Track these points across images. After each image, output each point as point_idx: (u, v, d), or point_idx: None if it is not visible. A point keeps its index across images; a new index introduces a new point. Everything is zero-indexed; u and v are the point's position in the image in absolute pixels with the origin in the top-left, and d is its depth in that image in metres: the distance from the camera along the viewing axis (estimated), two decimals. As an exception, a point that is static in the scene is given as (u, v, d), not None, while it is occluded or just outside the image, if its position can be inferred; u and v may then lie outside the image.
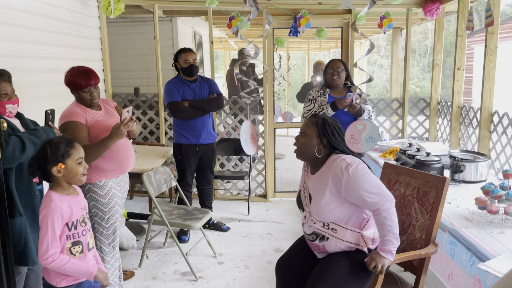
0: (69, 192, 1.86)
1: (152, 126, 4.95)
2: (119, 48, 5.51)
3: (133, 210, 4.48)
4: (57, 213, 1.75)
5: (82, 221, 1.86)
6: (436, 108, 4.66)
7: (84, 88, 2.49)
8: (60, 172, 1.78)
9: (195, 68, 3.58)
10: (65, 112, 2.52)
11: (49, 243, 1.73)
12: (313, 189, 2.00)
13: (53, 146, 1.78)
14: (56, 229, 1.75)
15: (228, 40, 9.43)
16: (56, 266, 1.75)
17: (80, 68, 2.56)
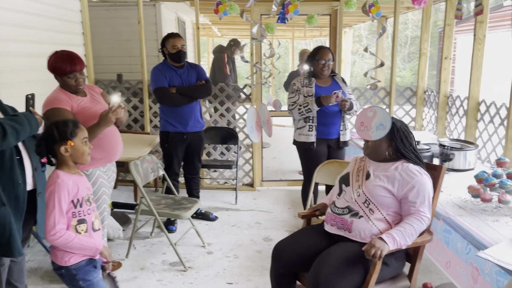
0: (74, 172, 1.88)
1: (136, 114, 4.83)
2: (101, 33, 5.33)
3: (118, 199, 4.38)
4: (63, 189, 1.77)
5: (87, 200, 1.88)
6: (422, 97, 4.69)
7: (69, 73, 2.39)
8: (67, 151, 1.81)
9: (183, 54, 3.48)
10: (49, 99, 2.41)
11: (56, 219, 1.75)
12: (375, 171, 2.11)
13: (61, 126, 1.81)
14: (63, 205, 1.77)
15: (212, 27, 9.28)
16: (63, 242, 1.77)
17: (64, 53, 2.44)
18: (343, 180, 2.23)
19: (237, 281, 2.89)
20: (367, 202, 2.05)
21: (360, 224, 2.03)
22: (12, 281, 2.30)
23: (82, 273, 1.86)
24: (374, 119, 2.02)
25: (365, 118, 2.05)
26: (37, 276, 2.91)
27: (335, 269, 1.87)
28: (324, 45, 3.42)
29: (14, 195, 1.97)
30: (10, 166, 1.94)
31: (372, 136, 2.03)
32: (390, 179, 2.03)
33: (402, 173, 2.02)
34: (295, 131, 3.40)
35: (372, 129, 2.03)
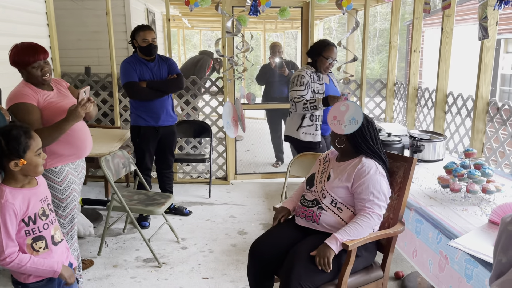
0: (23, 184, 1.69)
1: (105, 108, 4.71)
2: (67, 25, 5.16)
3: (88, 196, 4.28)
4: (8, 210, 1.59)
5: (42, 214, 1.71)
6: (392, 89, 4.78)
7: (32, 63, 2.26)
8: (18, 166, 1.62)
9: (154, 47, 3.40)
10: (14, 93, 2.30)
11: (4, 243, 1.58)
12: (335, 172, 2.15)
13: (12, 140, 1.61)
14: (9, 227, 1.59)
15: (182, 18, 9.14)
16: (15, 266, 1.61)
17: (24, 44, 2.31)
18: (309, 182, 2.26)
19: (212, 275, 2.87)
20: (334, 202, 2.08)
21: (327, 217, 2.07)
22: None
23: None
24: (346, 113, 2.04)
25: (338, 112, 2.07)
26: (5, 277, 2.81)
27: (306, 265, 1.89)
28: (327, 39, 3.30)
29: None
30: None
31: (344, 130, 2.05)
32: (348, 177, 2.07)
33: (356, 170, 2.05)
34: (297, 129, 3.30)
35: (345, 123, 2.04)
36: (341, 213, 2.06)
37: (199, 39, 14.75)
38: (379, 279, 2.18)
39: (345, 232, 1.94)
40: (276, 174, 5.01)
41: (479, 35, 2.74)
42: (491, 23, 2.79)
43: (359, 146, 2.11)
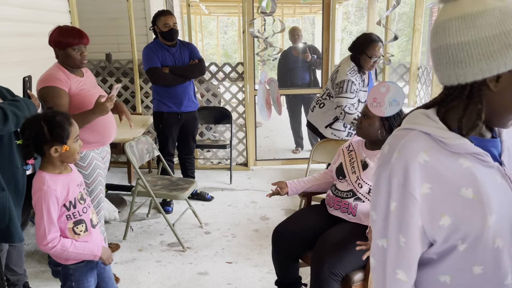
0: (61, 170, 1.72)
1: (127, 94, 4.74)
2: (88, 12, 5.17)
3: (111, 181, 4.33)
4: (51, 196, 1.62)
5: (80, 198, 1.75)
6: (416, 73, 4.67)
7: (75, 45, 2.30)
8: (57, 152, 1.64)
9: (175, 32, 3.39)
10: (46, 76, 2.32)
11: (46, 228, 1.62)
12: (372, 160, 2.10)
13: (56, 127, 1.62)
14: (52, 213, 1.62)
15: (199, 4, 9.09)
16: (58, 251, 1.65)
17: (69, 27, 2.39)
18: (339, 172, 2.21)
19: (236, 260, 2.89)
20: (371, 191, 2.03)
21: (363, 207, 2.04)
22: (11, 266, 2.27)
23: (79, 274, 1.76)
24: (387, 95, 1.96)
25: (378, 94, 1.99)
26: (34, 260, 2.88)
27: (337, 252, 1.88)
28: (369, 32, 3.11)
29: (13, 179, 1.92)
30: (9, 150, 1.89)
31: (385, 112, 1.98)
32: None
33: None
34: (326, 126, 3.22)
35: (385, 105, 1.97)
36: None
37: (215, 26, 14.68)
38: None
39: None
40: (296, 160, 4.99)
41: None
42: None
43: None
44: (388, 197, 0.86)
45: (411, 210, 0.84)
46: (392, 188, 0.85)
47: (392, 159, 0.86)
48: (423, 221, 0.84)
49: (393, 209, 0.86)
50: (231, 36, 20.89)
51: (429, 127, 0.86)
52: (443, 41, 0.83)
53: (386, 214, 0.87)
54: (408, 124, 0.89)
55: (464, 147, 0.84)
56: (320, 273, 1.85)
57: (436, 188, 0.83)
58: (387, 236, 0.88)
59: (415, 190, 0.83)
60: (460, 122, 0.85)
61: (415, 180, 0.83)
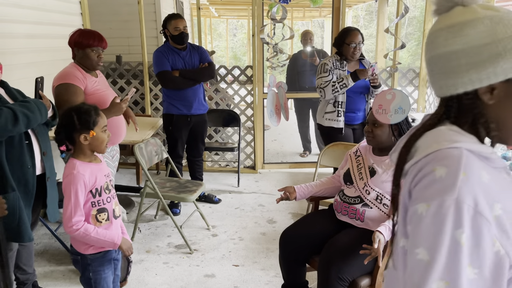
0: (91, 159, 1.82)
1: (136, 96, 4.77)
2: (99, 14, 5.23)
3: (119, 182, 4.36)
4: (80, 180, 1.72)
5: (106, 188, 1.83)
6: (425, 78, 4.66)
7: (94, 46, 2.41)
8: (87, 139, 1.75)
9: (185, 35, 3.42)
10: (64, 73, 2.40)
11: (73, 210, 1.71)
12: (380, 166, 2.10)
13: (83, 114, 1.74)
14: (79, 196, 1.72)
15: (209, 7, 9.13)
16: (80, 235, 1.73)
17: (90, 30, 2.53)
18: (347, 178, 2.20)
19: (243, 263, 2.90)
20: (379, 198, 2.04)
21: (371, 213, 2.04)
22: (21, 265, 2.30)
23: (96, 265, 1.83)
24: (393, 102, 1.97)
25: (383, 101, 2.00)
26: (44, 259, 2.91)
27: (345, 258, 1.88)
28: (352, 26, 3.26)
29: (23, 180, 1.95)
30: (19, 150, 1.92)
31: (390, 119, 1.99)
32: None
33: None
34: (322, 116, 3.29)
35: (391, 112, 1.98)
36: (386, 209, 2.02)
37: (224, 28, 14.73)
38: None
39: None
40: (304, 164, 4.99)
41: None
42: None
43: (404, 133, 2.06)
44: (455, 227, 0.72)
45: (487, 238, 0.72)
46: (462, 216, 0.72)
47: (457, 182, 0.73)
48: (501, 244, 0.73)
49: (463, 241, 0.71)
50: (240, 39, 20.95)
51: (471, 143, 0.78)
52: (434, 51, 0.81)
53: (451, 249, 0.72)
54: (450, 143, 0.78)
55: (502, 161, 0.80)
56: (327, 278, 1.85)
57: (506, 207, 0.74)
58: (451, 276, 0.72)
59: (489, 213, 0.73)
60: (488, 135, 0.80)
61: (487, 202, 0.73)
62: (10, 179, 1.90)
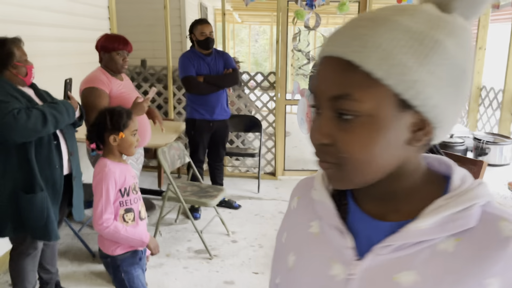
0: (120, 160, 1.85)
1: (160, 100, 4.82)
2: (125, 18, 5.31)
3: (141, 185, 4.38)
4: (111, 178, 1.75)
5: (133, 188, 1.86)
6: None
7: (119, 50, 2.48)
8: (116, 141, 1.78)
9: (211, 41, 3.43)
10: (90, 77, 2.48)
11: (103, 208, 1.73)
12: None
13: (115, 115, 1.78)
14: (110, 194, 1.74)
15: (233, 13, 9.19)
16: (110, 232, 1.75)
17: (115, 34, 2.63)
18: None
19: (263, 271, 2.87)
20: None
21: None
22: (45, 264, 2.33)
23: (126, 265, 1.86)
24: None
25: None
26: (66, 259, 2.95)
27: None
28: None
29: (51, 179, 1.99)
30: (48, 151, 1.96)
31: None
32: None
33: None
34: None
35: None
36: None
37: (247, 34, 14.80)
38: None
39: None
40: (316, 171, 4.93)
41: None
42: None
43: (435, 151, 2.01)
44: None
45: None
46: None
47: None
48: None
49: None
50: (262, 45, 21.00)
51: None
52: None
53: None
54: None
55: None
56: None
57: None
58: None
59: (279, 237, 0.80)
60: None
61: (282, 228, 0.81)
62: (39, 178, 1.93)
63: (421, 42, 0.48)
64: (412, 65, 0.47)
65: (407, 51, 0.47)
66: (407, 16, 0.49)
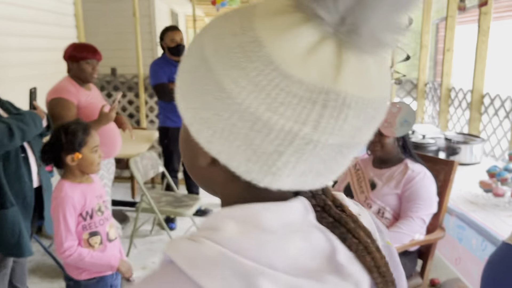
0: (81, 180, 1.72)
1: (132, 109, 4.73)
2: (94, 26, 5.20)
3: (114, 197, 4.27)
4: (67, 203, 1.63)
5: (98, 210, 1.74)
6: (423, 90, 4.65)
7: (88, 59, 2.41)
8: (74, 161, 1.66)
9: (182, 47, 3.39)
10: (57, 87, 2.41)
11: (63, 235, 1.62)
12: (381, 179, 2.05)
13: (69, 134, 1.65)
14: (68, 220, 1.63)
15: (204, 18, 9.15)
16: (74, 260, 1.64)
17: (84, 43, 2.59)
18: (347, 191, 2.15)
19: (241, 279, 2.83)
20: (381, 212, 2.00)
21: None
22: (14, 283, 2.23)
23: None
24: (398, 115, 1.93)
25: (389, 114, 1.96)
26: (36, 277, 2.83)
27: None
28: None
29: (21, 194, 1.92)
30: (16, 164, 1.89)
31: (396, 132, 1.94)
32: (397, 184, 1.98)
33: (406, 176, 1.96)
34: None
35: (396, 126, 1.94)
36: (387, 222, 1.98)
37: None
38: (417, 287, 2.10)
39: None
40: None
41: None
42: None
43: (410, 151, 2.02)
44: None
45: None
46: None
47: None
48: None
49: None
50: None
51: None
52: None
53: None
54: None
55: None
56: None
57: None
58: None
59: None
60: None
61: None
62: (9, 194, 1.86)
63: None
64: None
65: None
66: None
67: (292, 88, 0.38)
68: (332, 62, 0.39)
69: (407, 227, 1.89)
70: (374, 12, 0.38)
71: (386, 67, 0.45)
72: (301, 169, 0.42)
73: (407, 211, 1.93)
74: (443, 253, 2.30)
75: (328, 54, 0.39)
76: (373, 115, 0.43)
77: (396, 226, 1.90)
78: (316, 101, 0.38)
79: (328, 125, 0.39)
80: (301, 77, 0.38)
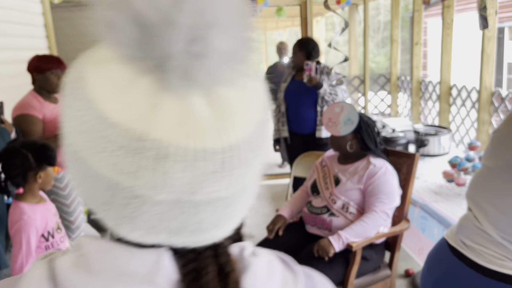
0: (38, 200, 1.70)
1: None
2: (64, 35, 5.17)
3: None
4: (31, 227, 1.58)
5: (57, 228, 1.74)
6: (396, 83, 4.71)
7: (53, 69, 2.39)
8: (41, 178, 1.63)
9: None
10: (21, 104, 2.39)
11: (24, 260, 1.57)
12: (344, 175, 2.09)
13: (42, 150, 1.63)
14: (32, 244, 1.58)
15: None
16: None
17: (47, 54, 2.55)
18: (313, 189, 2.21)
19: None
20: (345, 207, 2.04)
21: (338, 222, 2.03)
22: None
23: None
24: (341, 115, 2.01)
25: (332, 114, 2.04)
26: None
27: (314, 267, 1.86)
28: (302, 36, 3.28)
29: None
30: None
31: (340, 131, 2.01)
32: (360, 179, 2.03)
33: (368, 171, 2.01)
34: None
35: (340, 125, 2.01)
36: (352, 217, 2.02)
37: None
38: (387, 278, 2.14)
39: (351, 229, 1.91)
40: (282, 175, 4.97)
41: (480, 25, 2.68)
42: (490, 12, 2.72)
43: (368, 146, 2.06)
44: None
45: None
46: None
47: None
48: None
49: None
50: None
51: None
52: None
53: None
54: None
55: None
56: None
57: None
58: None
59: None
60: None
61: None
62: None
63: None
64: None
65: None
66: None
67: (107, 132, 0.34)
68: (147, 104, 0.34)
69: (371, 221, 1.93)
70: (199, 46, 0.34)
71: (242, 106, 0.37)
72: (146, 224, 0.36)
73: (370, 206, 1.97)
74: (406, 244, 2.35)
75: (142, 93, 0.34)
76: (213, 169, 0.35)
77: (361, 220, 1.94)
78: (129, 149, 0.33)
79: (148, 178, 0.34)
80: (117, 120, 0.34)
